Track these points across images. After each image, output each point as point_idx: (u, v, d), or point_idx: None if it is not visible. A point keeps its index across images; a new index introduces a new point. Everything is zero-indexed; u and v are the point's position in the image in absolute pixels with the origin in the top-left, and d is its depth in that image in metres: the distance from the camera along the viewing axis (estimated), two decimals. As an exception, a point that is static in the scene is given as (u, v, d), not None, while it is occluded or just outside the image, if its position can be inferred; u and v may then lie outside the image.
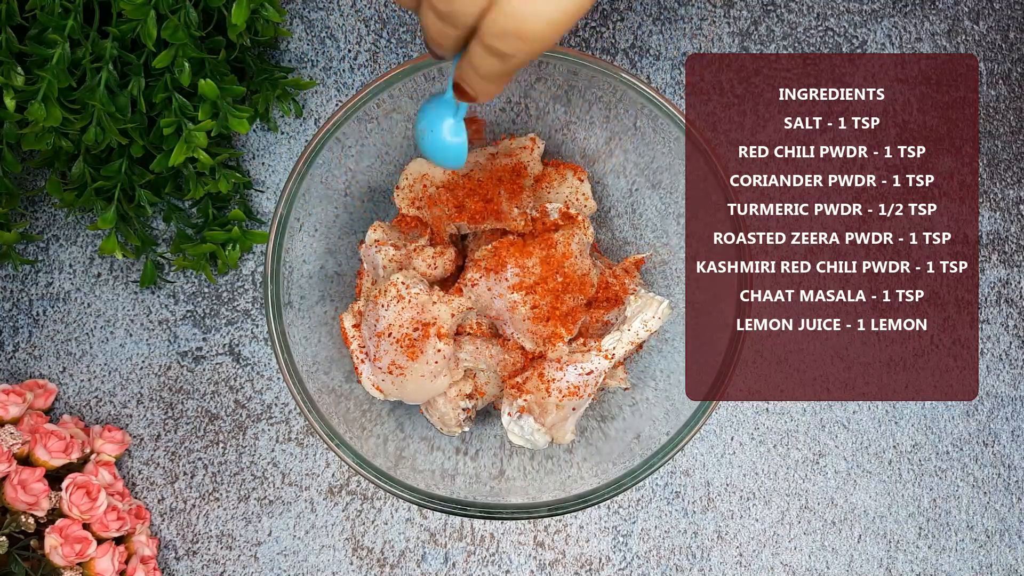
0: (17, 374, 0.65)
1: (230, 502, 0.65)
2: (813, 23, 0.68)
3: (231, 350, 0.66)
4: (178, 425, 0.65)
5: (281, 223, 0.54)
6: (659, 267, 0.61)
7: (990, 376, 0.67)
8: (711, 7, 0.68)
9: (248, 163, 0.66)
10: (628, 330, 0.57)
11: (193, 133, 0.58)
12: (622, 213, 0.63)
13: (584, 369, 0.57)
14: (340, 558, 0.65)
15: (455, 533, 0.65)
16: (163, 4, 0.55)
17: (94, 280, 0.66)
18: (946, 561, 0.66)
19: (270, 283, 0.54)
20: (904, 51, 0.68)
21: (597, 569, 0.65)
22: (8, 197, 0.60)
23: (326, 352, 0.58)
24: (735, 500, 0.66)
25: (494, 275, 0.56)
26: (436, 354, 0.55)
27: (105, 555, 0.58)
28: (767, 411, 0.67)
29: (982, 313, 0.67)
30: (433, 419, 0.60)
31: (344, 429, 0.55)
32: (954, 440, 0.67)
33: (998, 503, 0.67)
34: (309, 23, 0.67)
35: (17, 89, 0.54)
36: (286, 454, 0.65)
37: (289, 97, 0.65)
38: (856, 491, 0.66)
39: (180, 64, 0.56)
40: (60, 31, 0.54)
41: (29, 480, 0.57)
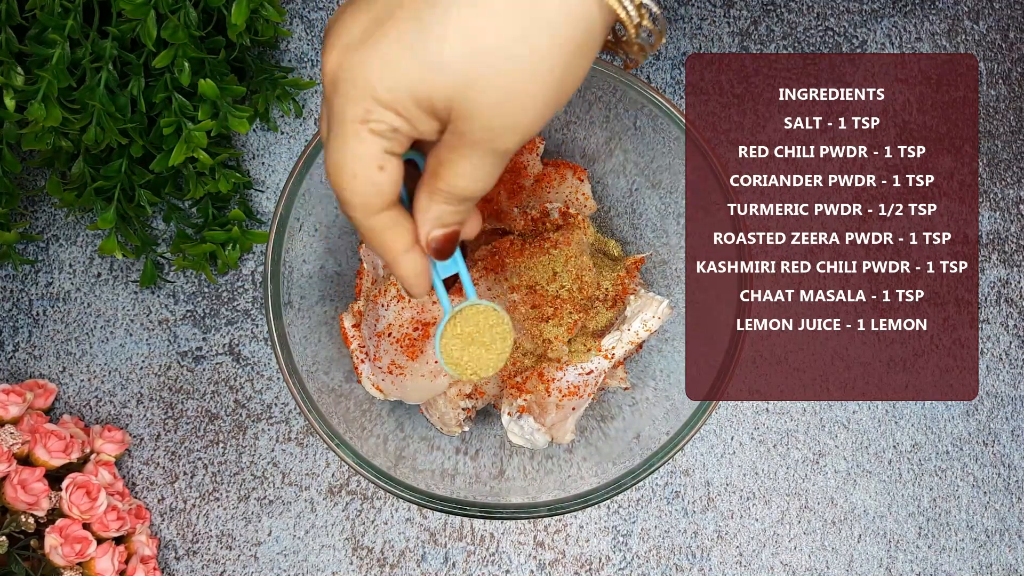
0: (17, 374, 0.65)
1: (230, 502, 0.65)
2: (813, 23, 0.68)
3: (231, 350, 0.66)
4: (178, 425, 0.65)
5: (281, 223, 0.54)
6: (659, 267, 0.61)
7: (990, 376, 0.67)
8: (711, 7, 0.68)
9: (248, 163, 0.66)
10: (628, 330, 0.57)
11: (193, 133, 0.58)
12: (622, 213, 0.63)
13: (584, 369, 0.57)
14: (340, 558, 0.65)
15: (455, 533, 0.65)
16: (163, 4, 0.55)
17: (94, 280, 0.66)
18: (946, 561, 0.66)
19: (270, 283, 0.54)
20: (904, 51, 0.68)
21: (597, 569, 0.65)
22: (8, 197, 0.60)
23: (326, 352, 0.58)
24: (735, 500, 0.66)
25: (494, 275, 0.56)
26: (436, 354, 0.55)
27: (105, 555, 0.58)
28: (767, 411, 0.67)
29: (982, 313, 0.67)
30: (433, 419, 0.60)
31: (344, 429, 0.55)
32: (954, 440, 0.67)
33: (998, 503, 0.67)
34: (309, 23, 0.67)
35: (17, 89, 0.54)
36: (286, 454, 0.65)
37: (289, 97, 0.65)
38: (856, 491, 0.66)
39: (180, 64, 0.56)
40: (60, 31, 0.54)
41: (29, 480, 0.57)
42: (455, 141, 0.34)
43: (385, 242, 0.37)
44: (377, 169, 0.34)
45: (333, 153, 0.34)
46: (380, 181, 0.35)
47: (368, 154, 0.34)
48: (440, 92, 0.32)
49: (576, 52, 0.33)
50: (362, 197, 0.35)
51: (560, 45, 0.32)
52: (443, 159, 0.35)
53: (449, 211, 0.37)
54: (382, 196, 0.35)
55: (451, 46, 0.31)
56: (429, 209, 0.37)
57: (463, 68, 0.32)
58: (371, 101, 0.33)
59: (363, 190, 0.35)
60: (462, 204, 0.37)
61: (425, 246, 0.38)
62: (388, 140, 0.34)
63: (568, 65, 0.33)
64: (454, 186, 0.36)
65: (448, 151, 0.35)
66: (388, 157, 0.34)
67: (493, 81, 0.32)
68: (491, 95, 0.32)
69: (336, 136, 0.34)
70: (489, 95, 0.32)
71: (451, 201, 0.36)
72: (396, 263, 0.38)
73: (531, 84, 0.32)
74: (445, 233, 0.38)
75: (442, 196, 0.36)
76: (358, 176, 0.34)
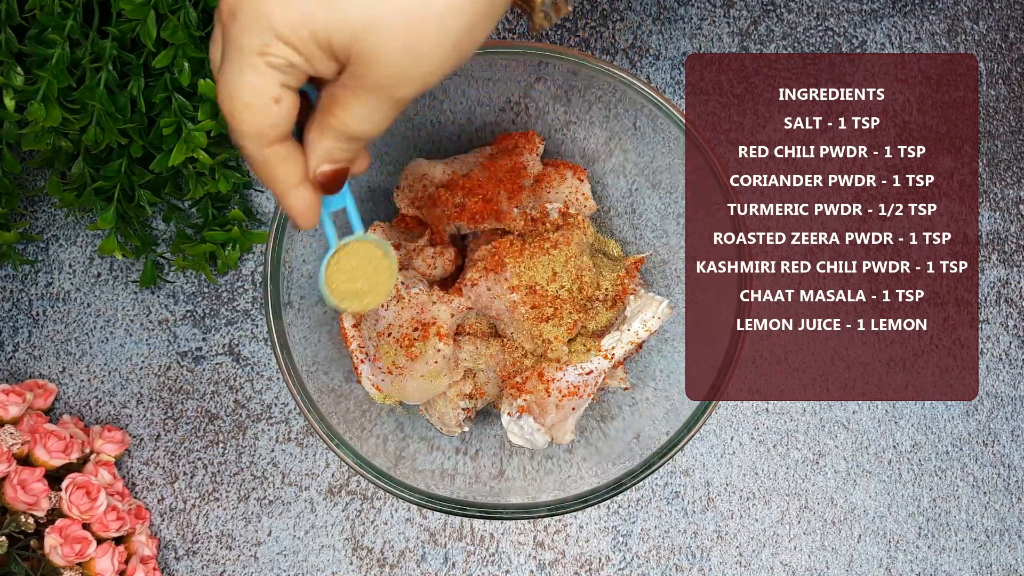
0: (17, 374, 0.65)
1: (230, 502, 0.65)
2: (813, 23, 0.68)
3: (231, 350, 0.66)
4: (178, 425, 0.65)
5: (281, 223, 0.54)
6: (659, 267, 0.61)
7: (990, 376, 0.67)
8: (711, 7, 0.68)
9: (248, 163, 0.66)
10: (628, 330, 0.57)
11: (193, 133, 0.58)
12: (622, 213, 0.63)
13: (584, 369, 0.57)
14: (340, 558, 0.65)
15: (455, 533, 0.65)
16: (163, 4, 0.55)
17: (94, 280, 0.66)
18: (946, 561, 0.66)
19: (270, 283, 0.54)
20: (904, 51, 0.68)
21: (597, 569, 0.65)
22: (8, 197, 0.60)
23: (326, 352, 0.58)
24: (735, 500, 0.66)
25: (494, 275, 0.56)
26: (436, 354, 0.55)
27: (105, 555, 0.58)
28: (767, 411, 0.67)
29: (982, 313, 0.67)
30: (433, 419, 0.60)
31: (344, 429, 0.55)
32: (954, 440, 0.67)
33: (998, 503, 0.67)
34: (309, 23, 0.67)
35: (17, 89, 0.54)
36: (286, 454, 0.65)
37: (289, 97, 0.65)
38: (856, 491, 0.66)
39: (180, 64, 0.56)
40: (60, 31, 0.54)
41: (29, 480, 0.57)
42: (351, 83, 0.34)
43: (277, 175, 0.37)
44: (272, 101, 0.34)
45: (227, 82, 0.34)
46: (275, 113, 0.35)
47: (264, 86, 0.34)
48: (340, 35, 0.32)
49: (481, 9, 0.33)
50: (256, 128, 0.35)
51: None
52: (337, 97, 0.35)
53: (339, 147, 0.37)
54: (277, 128, 0.35)
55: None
56: (319, 144, 0.37)
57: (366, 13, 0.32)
58: (270, 35, 0.33)
59: (257, 121, 0.35)
60: (352, 143, 0.37)
61: (313, 180, 0.38)
62: (285, 74, 0.34)
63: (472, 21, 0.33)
64: (347, 125, 0.36)
65: (343, 91, 0.35)
66: (284, 90, 0.34)
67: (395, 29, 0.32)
68: (392, 43, 0.32)
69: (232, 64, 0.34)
70: (390, 43, 0.32)
71: (341, 139, 0.37)
72: (286, 195, 0.38)
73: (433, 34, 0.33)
74: (334, 169, 0.38)
75: (333, 133, 0.36)
76: (253, 107, 0.34)
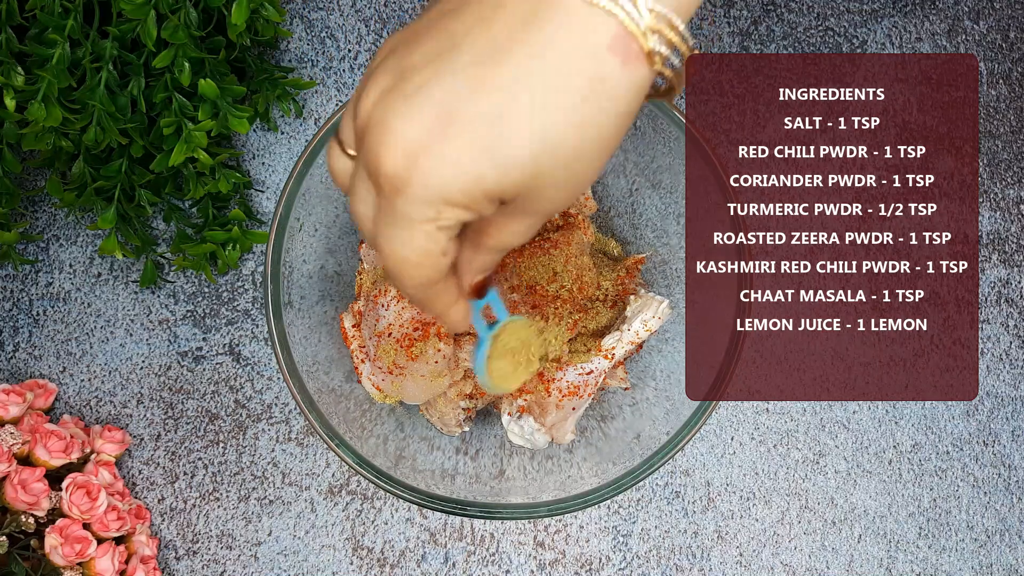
0: (17, 374, 0.65)
1: (230, 502, 0.65)
2: (813, 23, 0.68)
3: (231, 350, 0.66)
4: (178, 425, 0.65)
5: (281, 223, 0.54)
6: (659, 267, 0.61)
7: (990, 376, 0.67)
8: (711, 7, 0.68)
9: (248, 163, 0.66)
10: (628, 330, 0.57)
11: (193, 133, 0.58)
12: (622, 213, 0.63)
13: (584, 369, 0.57)
14: (340, 558, 0.65)
15: (455, 533, 0.65)
16: (163, 4, 0.55)
17: (94, 280, 0.66)
18: (946, 561, 0.66)
19: (270, 283, 0.54)
20: (904, 51, 0.68)
21: (597, 569, 0.65)
22: (8, 197, 0.60)
23: (326, 352, 0.58)
24: (735, 500, 0.66)
25: (494, 275, 0.56)
26: (436, 354, 0.55)
27: (105, 555, 0.58)
28: (767, 411, 0.67)
29: (982, 313, 0.67)
30: (433, 419, 0.60)
31: (344, 429, 0.55)
32: (954, 440, 0.67)
33: (998, 503, 0.66)
34: (309, 23, 0.67)
35: (17, 89, 0.54)
36: (286, 454, 0.65)
37: (289, 97, 0.65)
38: (856, 491, 0.66)
39: (180, 64, 0.56)
40: (60, 31, 0.54)
41: (29, 480, 0.57)
42: (510, 210, 0.35)
43: (438, 303, 0.38)
44: (441, 255, 0.35)
45: (394, 245, 0.34)
46: (443, 264, 0.35)
47: (435, 246, 0.34)
48: (512, 187, 0.33)
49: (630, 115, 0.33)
50: (425, 280, 0.36)
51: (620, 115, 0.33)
52: (494, 220, 0.36)
53: (491, 260, 0.39)
54: (443, 273, 0.36)
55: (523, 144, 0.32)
56: (474, 260, 0.38)
57: (535, 162, 0.32)
58: (443, 204, 0.33)
59: (427, 275, 0.35)
60: (503, 253, 0.39)
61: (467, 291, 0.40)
62: (454, 230, 0.35)
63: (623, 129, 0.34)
64: (502, 242, 0.37)
65: (501, 216, 0.36)
66: (451, 243, 0.35)
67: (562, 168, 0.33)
68: (558, 178, 0.33)
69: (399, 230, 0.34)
70: (556, 179, 0.33)
71: (494, 253, 0.38)
72: (446, 315, 0.39)
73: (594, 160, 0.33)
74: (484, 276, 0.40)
75: (489, 251, 0.38)
76: (423, 265, 0.35)
